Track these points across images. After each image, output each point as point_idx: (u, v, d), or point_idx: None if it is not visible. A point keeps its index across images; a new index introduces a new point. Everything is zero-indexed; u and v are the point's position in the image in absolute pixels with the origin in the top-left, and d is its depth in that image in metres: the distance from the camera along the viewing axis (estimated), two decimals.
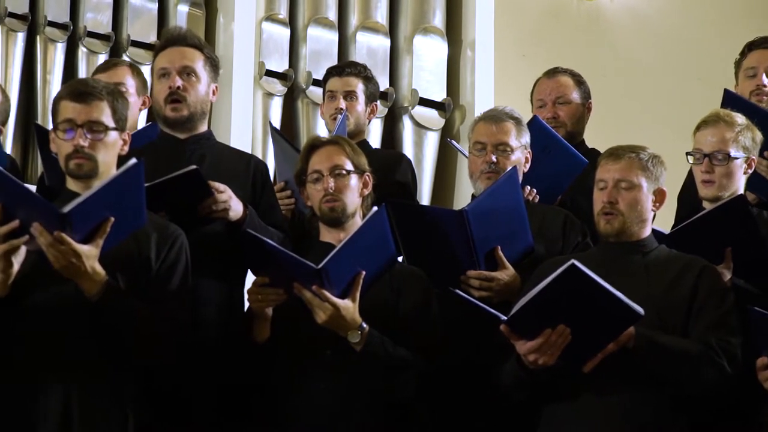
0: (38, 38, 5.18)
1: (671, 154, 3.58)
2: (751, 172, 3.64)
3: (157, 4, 5.42)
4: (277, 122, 5.55)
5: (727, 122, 3.60)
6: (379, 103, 4.48)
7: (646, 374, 3.10)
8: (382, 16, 5.89)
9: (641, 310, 3.02)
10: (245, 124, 5.43)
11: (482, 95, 5.95)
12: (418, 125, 5.88)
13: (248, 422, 3.28)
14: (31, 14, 5.15)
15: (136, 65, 4.21)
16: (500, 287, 3.45)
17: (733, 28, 6.48)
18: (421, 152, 5.86)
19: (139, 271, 3.02)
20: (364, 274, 3.13)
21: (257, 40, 5.58)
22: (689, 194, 3.86)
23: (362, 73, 4.33)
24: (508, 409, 3.33)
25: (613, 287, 3.00)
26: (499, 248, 3.46)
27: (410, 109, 5.86)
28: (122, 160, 3.00)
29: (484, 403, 3.44)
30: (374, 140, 5.52)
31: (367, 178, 3.38)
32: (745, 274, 3.44)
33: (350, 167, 3.34)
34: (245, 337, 3.20)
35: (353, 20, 5.85)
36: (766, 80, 4.24)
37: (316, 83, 5.55)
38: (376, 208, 3.21)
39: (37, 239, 2.84)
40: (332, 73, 4.37)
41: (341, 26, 5.83)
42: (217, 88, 3.60)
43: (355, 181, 3.35)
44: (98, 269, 2.90)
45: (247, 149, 4.87)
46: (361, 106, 4.29)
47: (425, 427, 3.36)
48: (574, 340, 3.04)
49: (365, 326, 3.13)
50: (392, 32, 5.94)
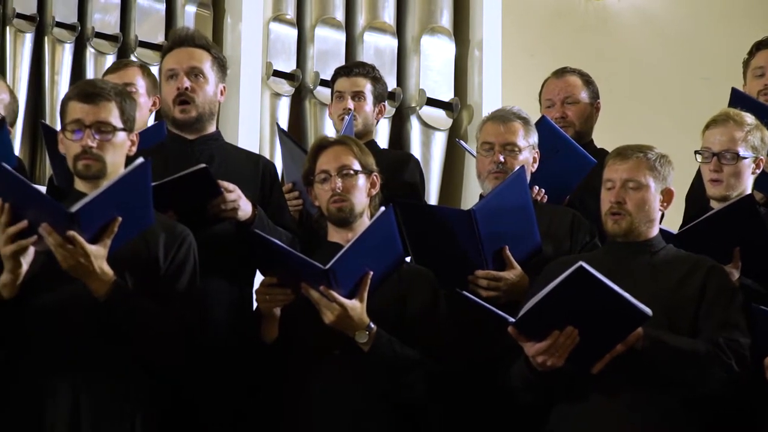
0: (46, 39, 5.18)
1: (679, 153, 3.58)
2: (759, 172, 3.64)
3: (164, 4, 5.42)
4: (284, 122, 5.54)
5: (736, 121, 3.59)
6: (386, 103, 4.47)
7: (654, 375, 3.10)
8: (389, 16, 5.89)
9: (649, 310, 3.02)
10: (253, 124, 5.43)
11: (490, 95, 5.94)
12: (425, 125, 5.87)
13: (256, 422, 3.28)
14: (39, 15, 5.15)
15: (146, 66, 4.22)
16: (508, 287, 3.44)
17: (741, 27, 6.47)
18: (428, 152, 5.85)
19: (147, 271, 3.02)
20: (371, 274, 3.13)
21: (265, 40, 5.58)
22: (697, 194, 3.86)
23: (370, 73, 4.33)
24: (516, 410, 3.33)
25: (620, 288, 3.00)
26: (507, 248, 3.46)
27: (418, 109, 5.86)
28: (130, 160, 3.00)
29: (492, 404, 3.44)
30: (382, 140, 5.52)
31: (374, 178, 3.38)
32: (753, 273, 3.44)
33: (358, 167, 3.34)
34: (253, 337, 3.20)
35: (360, 20, 5.85)
36: None
37: (323, 83, 5.55)
38: (383, 208, 3.21)
39: (45, 239, 2.84)
40: (340, 73, 4.37)
41: (348, 26, 5.83)
42: (225, 88, 3.60)
43: (362, 181, 3.35)
44: (106, 269, 2.90)
45: (254, 149, 4.86)
46: (369, 106, 4.29)
47: (433, 427, 3.36)
48: (582, 341, 3.03)
49: (373, 326, 3.13)
50: (400, 32, 5.93)
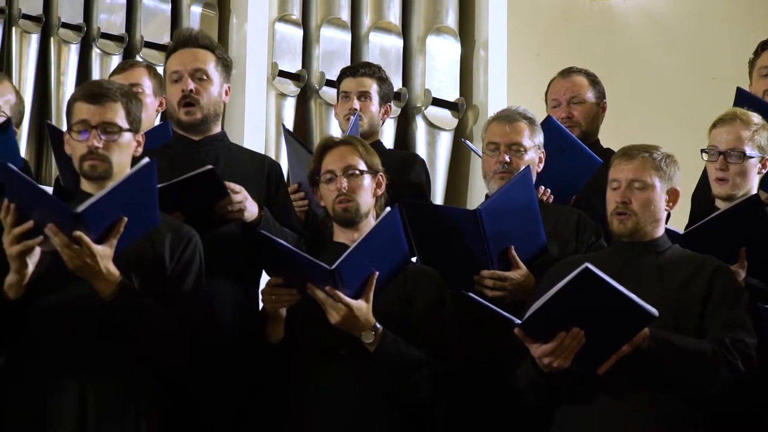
0: (52, 40, 5.19)
1: (684, 153, 3.57)
2: (765, 171, 3.63)
3: (170, 5, 5.43)
4: (290, 123, 5.54)
5: (743, 121, 3.60)
6: (392, 103, 4.47)
7: (660, 375, 3.09)
8: (394, 16, 5.89)
9: (655, 311, 3.01)
10: (258, 124, 5.43)
11: (495, 95, 5.94)
12: (431, 125, 5.87)
13: (261, 423, 3.28)
14: (45, 16, 5.16)
15: (152, 66, 4.21)
16: (513, 287, 3.44)
17: (747, 27, 6.46)
18: (434, 152, 5.85)
19: (153, 271, 3.02)
20: (377, 274, 3.13)
21: (270, 40, 5.58)
22: (703, 194, 3.86)
23: (376, 73, 4.33)
24: (520, 410, 3.33)
25: (626, 288, 2.99)
26: (512, 248, 3.46)
27: (423, 109, 5.86)
28: (136, 161, 3.00)
29: (497, 404, 3.44)
30: (387, 140, 5.52)
31: (380, 178, 3.38)
32: (759, 273, 3.44)
33: (363, 167, 3.34)
34: (259, 337, 3.20)
35: (366, 20, 5.85)
36: None
37: (329, 84, 5.55)
38: (389, 208, 3.21)
39: (51, 240, 2.84)
40: (346, 73, 4.37)
41: (354, 26, 5.83)
42: (229, 88, 3.60)
43: (368, 181, 3.34)
44: (112, 269, 2.90)
45: (260, 150, 4.87)
46: (375, 106, 4.29)
47: (439, 428, 3.36)
48: (588, 342, 3.03)
49: (379, 327, 3.13)
50: (405, 32, 5.93)
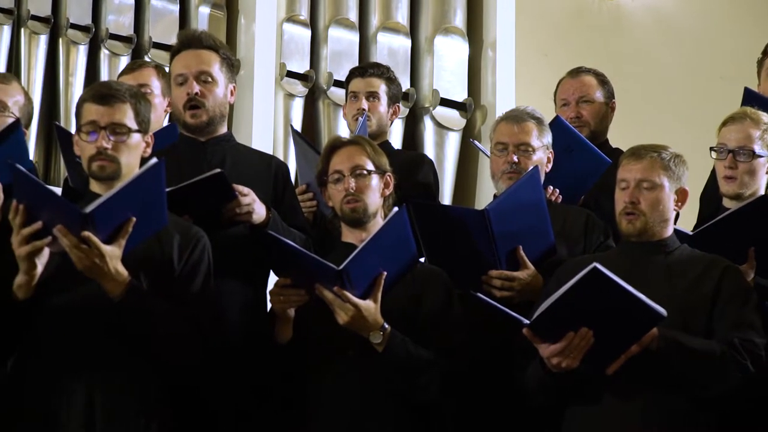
0: (60, 40, 5.19)
1: (693, 153, 3.57)
2: None
3: (178, 5, 5.43)
4: (298, 123, 5.54)
5: (753, 119, 3.60)
6: (400, 104, 4.47)
7: (669, 375, 3.09)
8: (402, 16, 5.88)
9: (664, 311, 3.01)
10: (266, 125, 5.43)
11: (503, 95, 5.93)
12: (439, 125, 5.87)
13: (269, 423, 3.28)
14: (53, 17, 5.16)
15: (161, 66, 4.22)
16: (522, 287, 3.44)
17: (755, 26, 6.45)
18: (442, 152, 5.84)
19: (161, 272, 3.03)
20: (385, 274, 3.13)
21: (278, 41, 5.58)
22: (711, 193, 3.85)
23: (385, 74, 4.33)
24: (529, 411, 3.32)
25: (635, 288, 2.99)
26: (520, 248, 3.46)
27: (431, 109, 5.85)
28: (145, 162, 3.01)
29: (506, 404, 3.43)
30: (395, 141, 5.52)
31: (388, 178, 3.38)
32: None
33: (371, 167, 3.34)
34: (268, 338, 3.20)
35: (374, 21, 5.84)
36: None
37: (337, 84, 5.55)
38: (396, 208, 3.20)
39: (60, 240, 2.85)
40: (355, 73, 4.37)
41: (362, 27, 5.82)
42: (235, 88, 3.60)
43: (376, 181, 3.34)
44: (121, 270, 2.90)
45: (268, 150, 4.86)
46: (383, 107, 4.29)
47: (447, 428, 3.36)
48: (597, 342, 3.03)
49: (387, 327, 3.13)
50: (413, 33, 5.93)
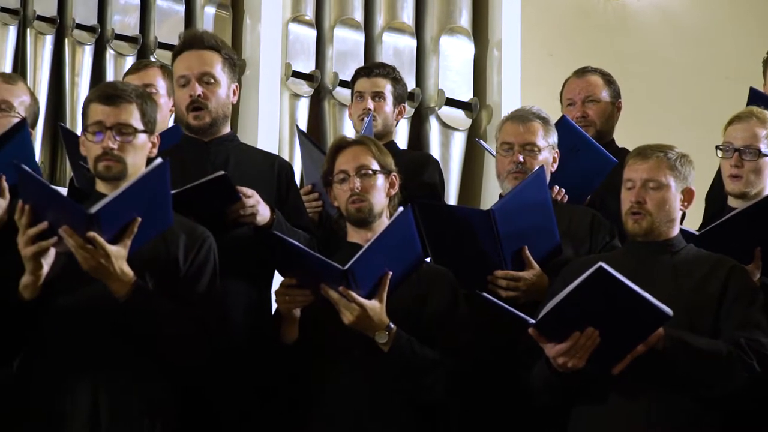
0: (66, 41, 5.20)
1: (699, 153, 3.56)
2: None
3: (184, 6, 5.43)
4: (303, 123, 5.54)
5: (759, 119, 3.61)
6: (406, 104, 4.47)
7: (675, 375, 3.09)
8: (408, 16, 5.88)
9: (670, 311, 3.01)
10: (272, 125, 5.43)
11: (509, 95, 5.93)
12: (444, 125, 5.87)
13: (274, 423, 3.28)
14: (59, 17, 5.17)
15: (167, 67, 4.22)
16: (527, 287, 3.44)
17: (761, 27, 6.44)
18: (447, 152, 5.84)
19: (167, 272, 3.03)
20: (390, 274, 3.13)
21: (284, 41, 5.58)
22: (717, 193, 3.85)
23: (391, 74, 4.33)
24: (535, 410, 3.32)
25: (641, 288, 2.99)
26: (526, 248, 3.46)
27: (437, 109, 5.85)
28: (151, 162, 3.01)
29: (511, 404, 3.43)
30: (401, 141, 5.51)
31: (393, 178, 3.38)
32: None
33: (376, 167, 3.34)
34: (273, 338, 3.20)
35: (379, 21, 5.85)
36: None
37: (342, 84, 5.55)
38: (401, 208, 3.20)
39: (65, 241, 2.85)
40: (361, 73, 4.37)
41: (367, 27, 5.83)
42: (237, 87, 3.60)
43: (381, 181, 3.34)
44: (126, 270, 2.90)
45: (274, 151, 4.86)
46: (389, 107, 4.29)
47: (453, 428, 3.35)
48: (602, 342, 3.02)
49: (393, 326, 3.12)
50: (418, 32, 5.93)
